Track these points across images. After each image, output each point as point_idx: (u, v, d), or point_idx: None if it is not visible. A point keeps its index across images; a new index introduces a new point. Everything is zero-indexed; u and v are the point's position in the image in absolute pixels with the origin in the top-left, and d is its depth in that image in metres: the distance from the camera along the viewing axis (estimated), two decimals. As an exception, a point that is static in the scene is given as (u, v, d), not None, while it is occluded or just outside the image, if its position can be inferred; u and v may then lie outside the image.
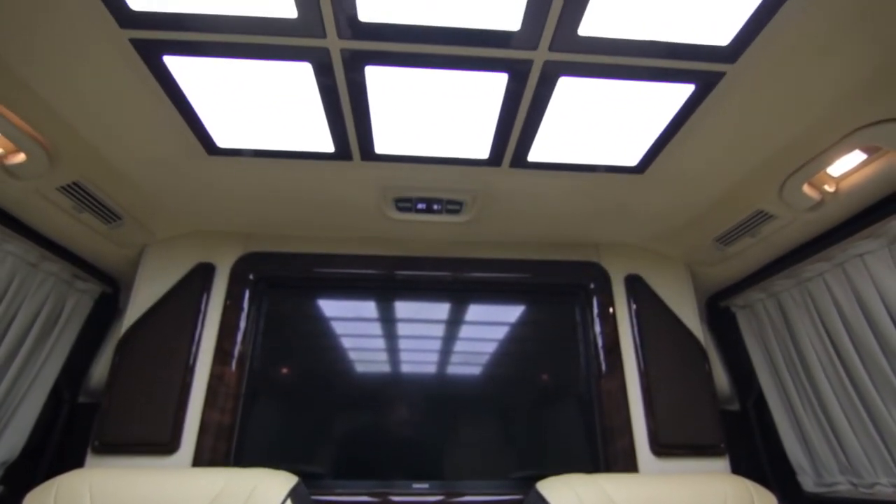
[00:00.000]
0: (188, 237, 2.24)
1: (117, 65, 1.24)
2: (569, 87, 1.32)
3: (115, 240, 2.07)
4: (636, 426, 2.04)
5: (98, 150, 1.58)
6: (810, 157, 1.52)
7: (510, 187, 1.85)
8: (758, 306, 2.22)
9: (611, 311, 2.24)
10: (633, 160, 1.64)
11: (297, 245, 2.27)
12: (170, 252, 2.21)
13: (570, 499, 1.58)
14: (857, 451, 1.74)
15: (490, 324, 2.36)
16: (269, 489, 1.54)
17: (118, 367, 1.97)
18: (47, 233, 1.89)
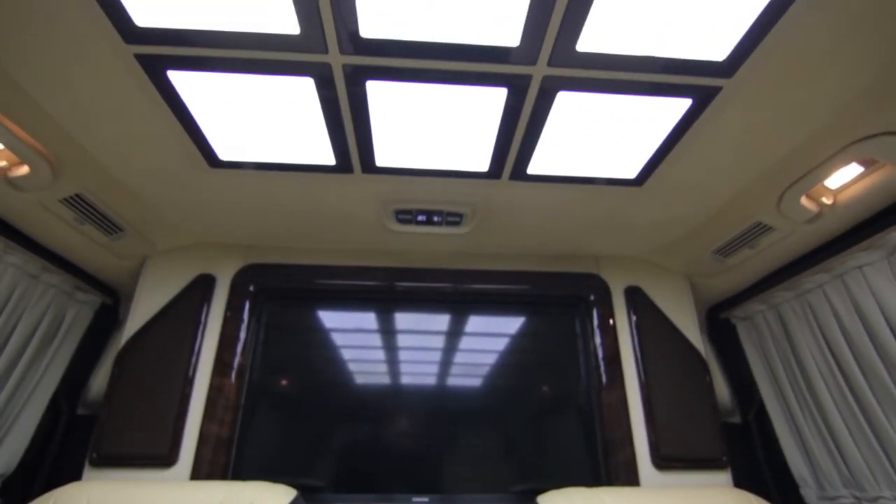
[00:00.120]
0: (189, 249, 2.25)
1: (122, 79, 1.25)
2: (567, 101, 1.33)
3: (116, 251, 2.07)
4: (637, 439, 2.03)
5: (101, 162, 1.60)
6: (807, 169, 1.53)
7: (510, 200, 1.86)
8: (758, 318, 2.22)
9: (611, 322, 2.24)
10: (631, 173, 1.66)
11: (297, 257, 2.27)
12: (170, 263, 2.21)
13: (571, 513, 1.57)
14: (860, 464, 1.73)
15: (490, 335, 2.36)
16: (267, 503, 1.53)
17: (117, 379, 1.97)
18: (49, 244, 1.89)
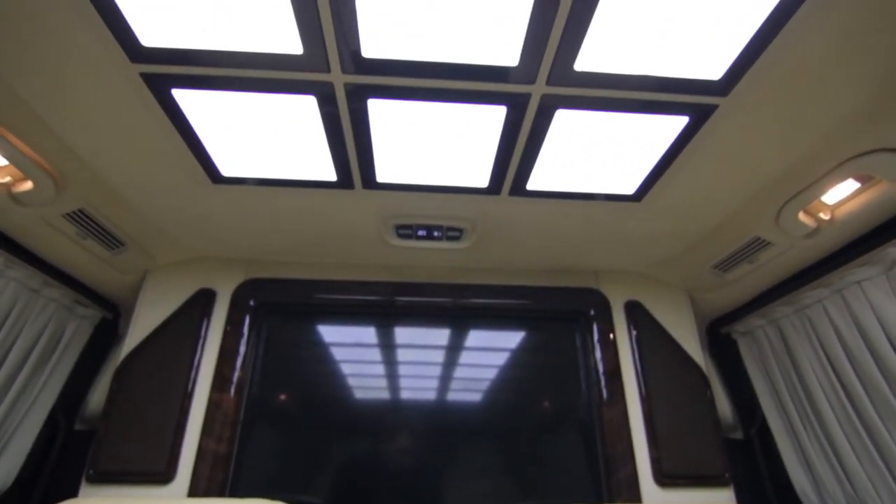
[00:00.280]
0: (190, 263, 2.25)
1: (127, 97, 1.27)
2: (566, 118, 1.35)
3: (117, 266, 2.08)
4: (639, 455, 2.01)
5: (104, 178, 1.61)
6: (804, 185, 1.55)
7: (509, 215, 1.87)
8: (758, 333, 2.22)
9: (611, 337, 2.24)
10: (630, 189, 1.67)
11: (298, 271, 2.28)
12: (171, 278, 2.21)
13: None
14: (863, 480, 1.72)
15: (490, 350, 2.35)
16: None
17: (116, 394, 1.96)
18: (50, 259, 1.90)
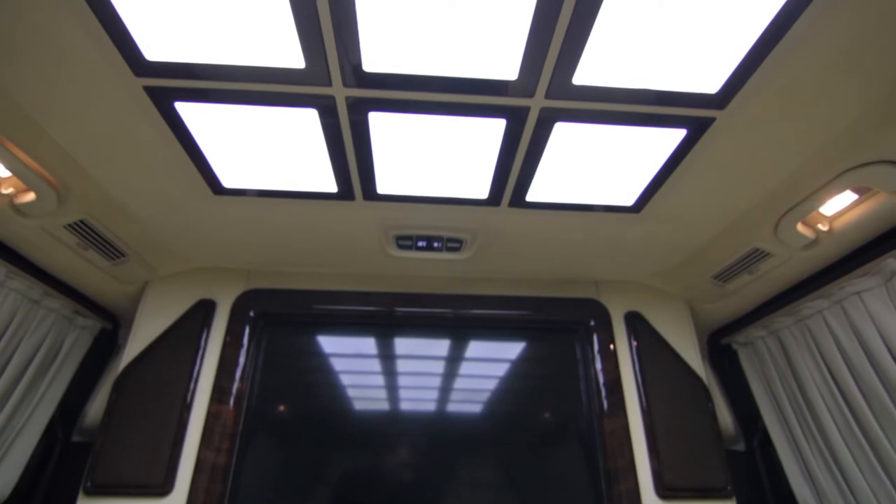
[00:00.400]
0: (190, 274, 2.26)
1: (130, 110, 1.29)
2: (565, 131, 1.36)
3: (117, 276, 2.08)
4: (640, 467, 1.99)
5: (106, 189, 1.62)
6: (802, 197, 1.56)
7: (509, 226, 1.88)
8: (759, 343, 2.22)
9: (611, 348, 2.23)
10: (629, 200, 1.68)
11: (298, 282, 2.28)
12: (171, 288, 2.22)
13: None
14: (865, 491, 1.71)
15: (490, 360, 2.35)
16: None
17: (114, 405, 1.95)
18: (51, 269, 1.90)
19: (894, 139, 1.29)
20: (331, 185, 1.62)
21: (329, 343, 2.30)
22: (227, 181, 1.60)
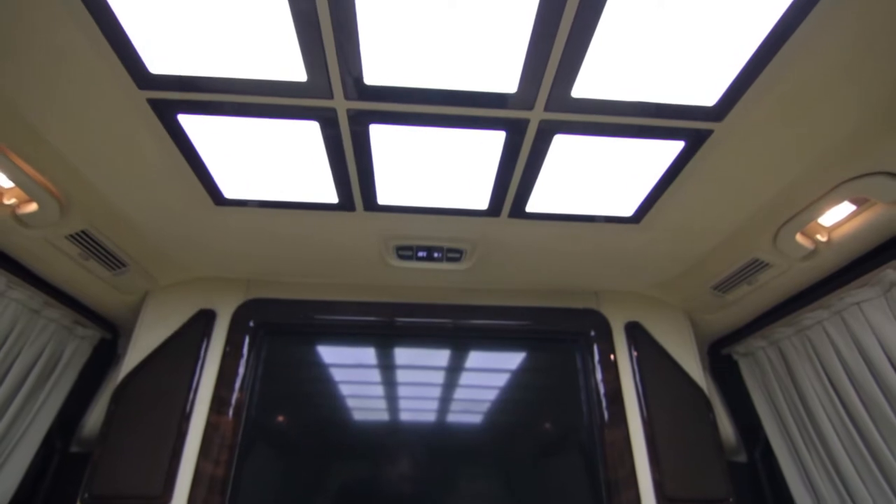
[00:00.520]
0: (191, 284, 2.26)
1: (133, 122, 1.30)
2: (564, 143, 1.37)
3: (118, 286, 2.08)
4: (641, 478, 1.98)
5: (109, 200, 1.63)
6: (800, 208, 1.56)
7: (509, 237, 1.88)
8: (759, 354, 2.21)
9: (612, 358, 2.23)
10: (628, 211, 1.69)
11: (298, 292, 2.28)
12: (172, 298, 2.22)
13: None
14: (868, 502, 1.70)
15: (490, 371, 2.34)
16: None
17: (113, 415, 1.94)
18: (52, 279, 1.91)
19: (891, 150, 1.30)
20: (331, 196, 1.63)
21: (329, 353, 2.30)
22: (229, 192, 1.61)
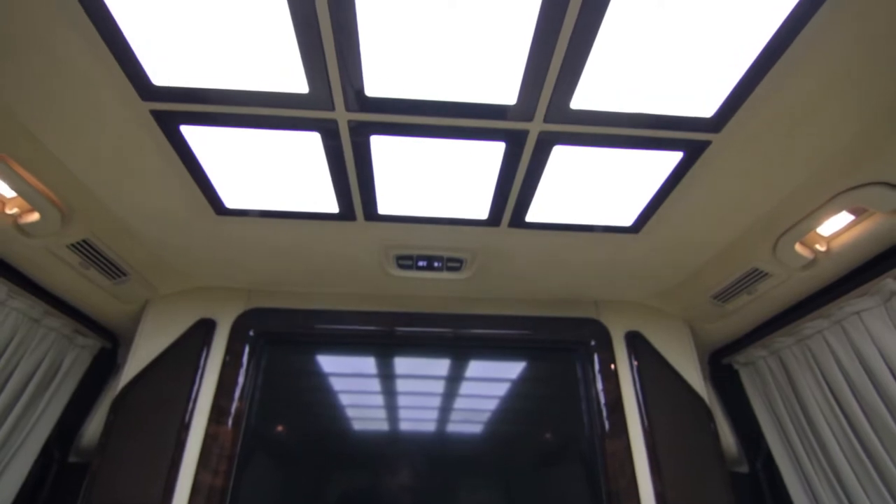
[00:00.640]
0: (191, 293, 2.26)
1: (136, 132, 1.31)
2: (563, 153, 1.38)
3: (118, 295, 2.09)
4: (642, 489, 1.97)
5: (110, 209, 1.64)
6: (799, 218, 1.57)
7: (509, 246, 1.89)
8: (760, 363, 2.21)
9: (612, 367, 2.22)
10: (627, 220, 1.69)
11: (298, 301, 2.28)
12: (172, 307, 2.22)
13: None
14: (871, 514, 1.69)
15: (490, 380, 2.33)
16: None
17: (112, 425, 1.94)
18: (52, 288, 1.91)
19: (888, 161, 1.31)
20: (332, 206, 1.64)
21: (329, 362, 2.29)
22: (230, 202, 1.62)
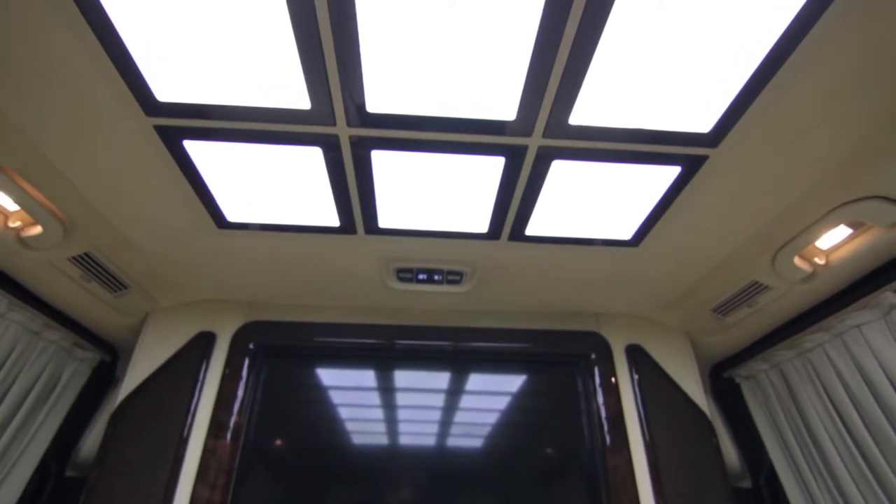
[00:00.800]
0: (191, 305, 2.26)
1: (140, 147, 1.32)
2: (562, 168, 1.40)
3: (118, 308, 2.09)
4: None
5: (112, 223, 1.65)
6: (797, 231, 1.58)
7: (509, 259, 1.89)
8: (761, 377, 2.20)
9: (613, 381, 2.21)
10: (627, 234, 1.70)
11: (298, 314, 2.28)
12: (172, 320, 2.22)
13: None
14: (875, 529, 1.67)
15: (491, 394, 2.32)
16: None
17: (110, 439, 1.92)
18: (53, 301, 1.91)
19: (885, 174, 1.32)
20: (333, 220, 1.65)
21: (328, 376, 2.29)
22: (232, 216, 1.63)
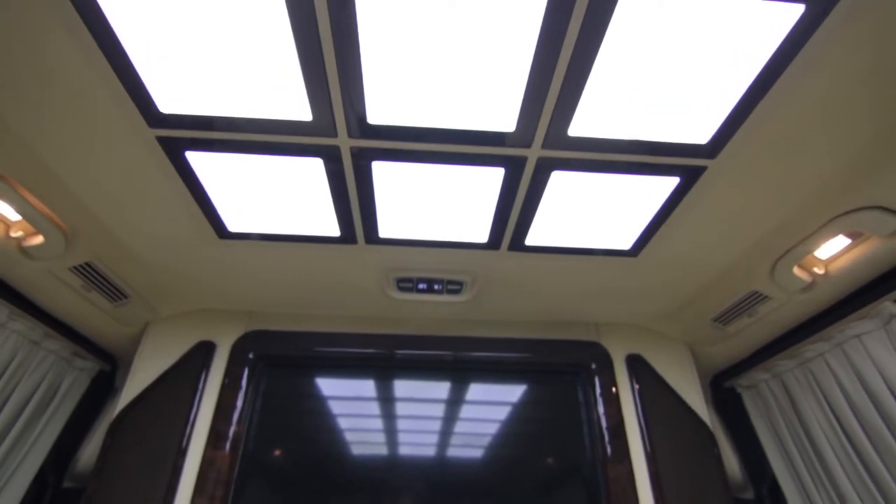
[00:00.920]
0: (191, 315, 2.26)
1: (142, 158, 1.33)
2: (561, 179, 1.41)
3: (118, 318, 2.08)
4: None
5: (114, 233, 1.65)
6: (796, 241, 1.58)
7: (509, 269, 1.90)
8: (762, 387, 2.19)
9: (613, 391, 2.21)
10: (626, 244, 1.71)
11: (298, 324, 2.28)
12: (172, 330, 2.21)
13: None
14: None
15: (491, 404, 2.32)
16: None
17: (108, 449, 1.91)
18: (53, 311, 1.91)
19: (882, 184, 1.33)
20: (333, 230, 1.66)
21: (328, 385, 2.28)
22: (233, 226, 1.64)
